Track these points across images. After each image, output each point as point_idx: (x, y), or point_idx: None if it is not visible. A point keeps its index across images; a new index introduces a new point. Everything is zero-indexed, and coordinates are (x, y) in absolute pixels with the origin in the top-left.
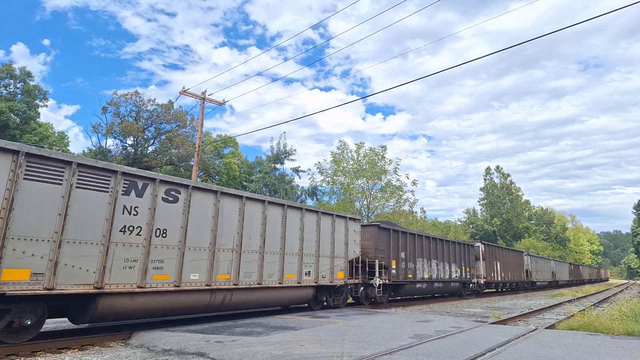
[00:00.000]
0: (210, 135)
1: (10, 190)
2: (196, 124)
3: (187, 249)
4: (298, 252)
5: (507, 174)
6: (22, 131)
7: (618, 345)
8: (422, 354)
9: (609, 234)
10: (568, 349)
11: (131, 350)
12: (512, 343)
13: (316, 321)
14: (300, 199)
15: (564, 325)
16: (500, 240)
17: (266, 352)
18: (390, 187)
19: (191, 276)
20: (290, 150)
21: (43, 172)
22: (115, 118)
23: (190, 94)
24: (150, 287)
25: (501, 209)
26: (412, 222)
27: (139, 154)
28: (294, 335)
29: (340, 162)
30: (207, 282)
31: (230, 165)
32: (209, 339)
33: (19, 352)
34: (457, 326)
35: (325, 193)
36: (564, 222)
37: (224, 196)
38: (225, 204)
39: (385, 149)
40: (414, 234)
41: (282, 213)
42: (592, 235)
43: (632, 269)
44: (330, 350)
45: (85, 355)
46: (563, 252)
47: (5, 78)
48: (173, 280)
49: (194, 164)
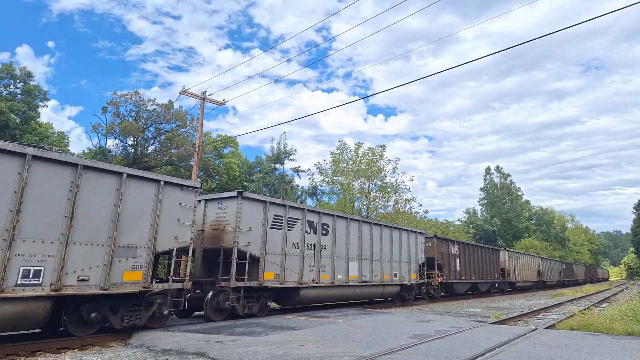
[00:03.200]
0: (210, 135)
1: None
2: (196, 124)
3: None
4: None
5: (507, 174)
6: (22, 131)
7: (618, 345)
8: (422, 354)
9: (609, 234)
10: (568, 349)
11: (131, 350)
12: (512, 343)
13: (316, 321)
14: (301, 199)
15: (564, 325)
16: (500, 240)
17: (266, 352)
18: (386, 185)
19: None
20: (290, 151)
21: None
22: (115, 118)
23: (190, 94)
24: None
25: (501, 209)
26: (412, 222)
27: (139, 154)
28: (294, 335)
29: (340, 162)
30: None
31: (230, 165)
32: (209, 339)
33: (19, 352)
34: (457, 326)
35: (325, 193)
36: (564, 222)
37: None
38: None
39: (384, 149)
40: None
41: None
42: (592, 235)
43: (632, 269)
44: (331, 350)
45: (85, 355)
46: (563, 252)
47: (6, 78)
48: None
49: (194, 164)
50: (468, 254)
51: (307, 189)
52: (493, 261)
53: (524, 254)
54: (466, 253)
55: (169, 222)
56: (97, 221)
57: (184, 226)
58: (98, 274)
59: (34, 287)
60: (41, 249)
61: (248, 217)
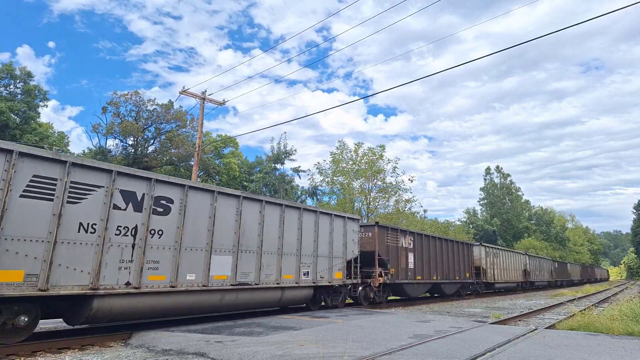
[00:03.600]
0: (210, 135)
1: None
2: (196, 124)
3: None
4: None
5: (507, 174)
6: (22, 131)
7: (618, 345)
8: (422, 354)
9: (609, 234)
10: (568, 349)
11: (131, 350)
12: (512, 343)
13: (316, 321)
14: (301, 199)
15: (564, 325)
16: (500, 240)
17: (266, 352)
18: (385, 185)
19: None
20: (290, 151)
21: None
22: (115, 118)
23: (190, 94)
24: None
25: (501, 209)
26: (412, 221)
27: (139, 154)
28: (294, 336)
29: (340, 162)
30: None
31: (230, 165)
32: (209, 339)
33: (19, 352)
34: (457, 326)
35: (325, 193)
36: (564, 222)
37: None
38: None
39: (384, 149)
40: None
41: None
42: (592, 235)
43: (632, 269)
44: (331, 350)
45: (85, 355)
46: (563, 252)
47: (6, 78)
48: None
49: (194, 163)
50: (427, 248)
51: (307, 189)
52: (464, 258)
53: (506, 251)
54: (424, 247)
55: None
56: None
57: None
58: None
59: None
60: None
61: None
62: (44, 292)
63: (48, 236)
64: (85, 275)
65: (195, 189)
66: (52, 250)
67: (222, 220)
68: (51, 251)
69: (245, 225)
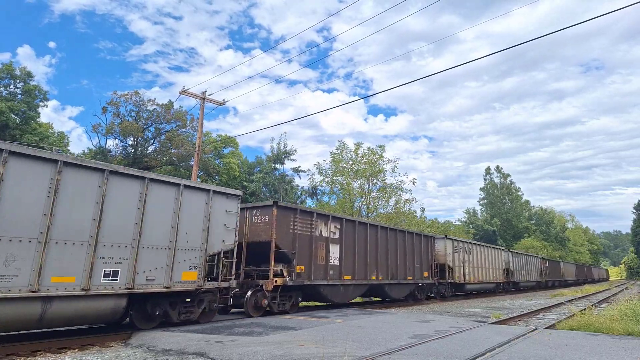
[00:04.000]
0: (210, 135)
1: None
2: (196, 124)
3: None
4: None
5: (507, 174)
6: (22, 131)
7: (618, 345)
8: (422, 354)
9: (609, 234)
10: (568, 349)
11: (131, 350)
12: (512, 343)
13: (316, 321)
14: (301, 199)
15: (564, 325)
16: (500, 240)
17: (266, 352)
18: (386, 185)
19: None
20: (290, 151)
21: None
22: (115, 118)
23: (190, 94)
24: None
25: (501, 209)
26: (412, 221)
27: (139, 154)
28: (293, 335)
29: (339, 162)
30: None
31: (230, 165)
32: (209, 339)
33: (19, 352)
34: (457, 326)
35: (325, 193)
36: (564, 222)
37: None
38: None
39: (384, 149)
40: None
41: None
42: (592, 235)
43: (632, 269)
44: (331, 350)
45: (85, 355)
46: (563, 252)
47: (6, 78)
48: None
49: (194, 164)
50: (364, 239)
51: (307, 189)
52: (422, 254)
53: (482, 246)
54: (359, 238)
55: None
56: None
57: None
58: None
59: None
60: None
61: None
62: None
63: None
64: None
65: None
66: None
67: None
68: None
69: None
